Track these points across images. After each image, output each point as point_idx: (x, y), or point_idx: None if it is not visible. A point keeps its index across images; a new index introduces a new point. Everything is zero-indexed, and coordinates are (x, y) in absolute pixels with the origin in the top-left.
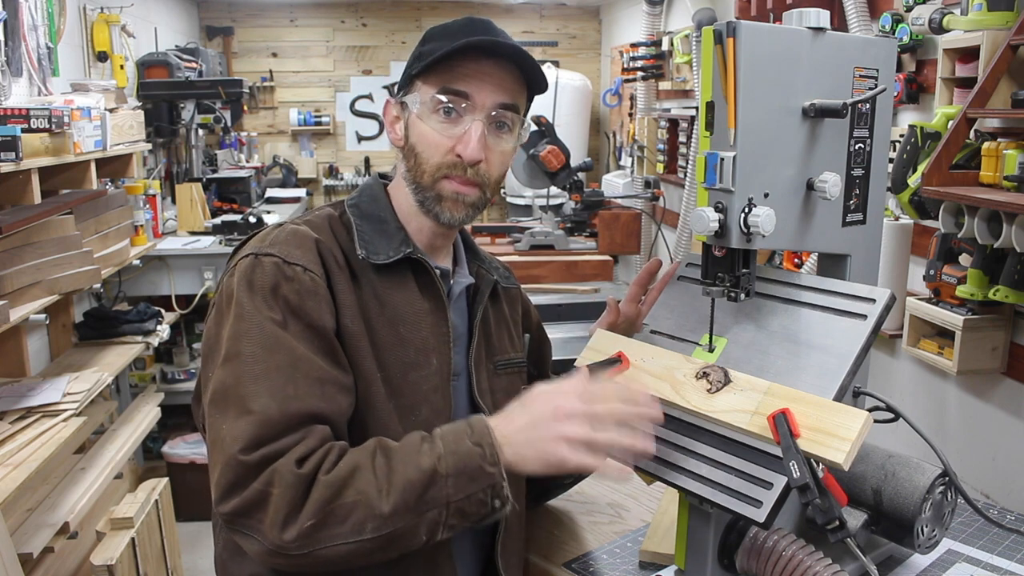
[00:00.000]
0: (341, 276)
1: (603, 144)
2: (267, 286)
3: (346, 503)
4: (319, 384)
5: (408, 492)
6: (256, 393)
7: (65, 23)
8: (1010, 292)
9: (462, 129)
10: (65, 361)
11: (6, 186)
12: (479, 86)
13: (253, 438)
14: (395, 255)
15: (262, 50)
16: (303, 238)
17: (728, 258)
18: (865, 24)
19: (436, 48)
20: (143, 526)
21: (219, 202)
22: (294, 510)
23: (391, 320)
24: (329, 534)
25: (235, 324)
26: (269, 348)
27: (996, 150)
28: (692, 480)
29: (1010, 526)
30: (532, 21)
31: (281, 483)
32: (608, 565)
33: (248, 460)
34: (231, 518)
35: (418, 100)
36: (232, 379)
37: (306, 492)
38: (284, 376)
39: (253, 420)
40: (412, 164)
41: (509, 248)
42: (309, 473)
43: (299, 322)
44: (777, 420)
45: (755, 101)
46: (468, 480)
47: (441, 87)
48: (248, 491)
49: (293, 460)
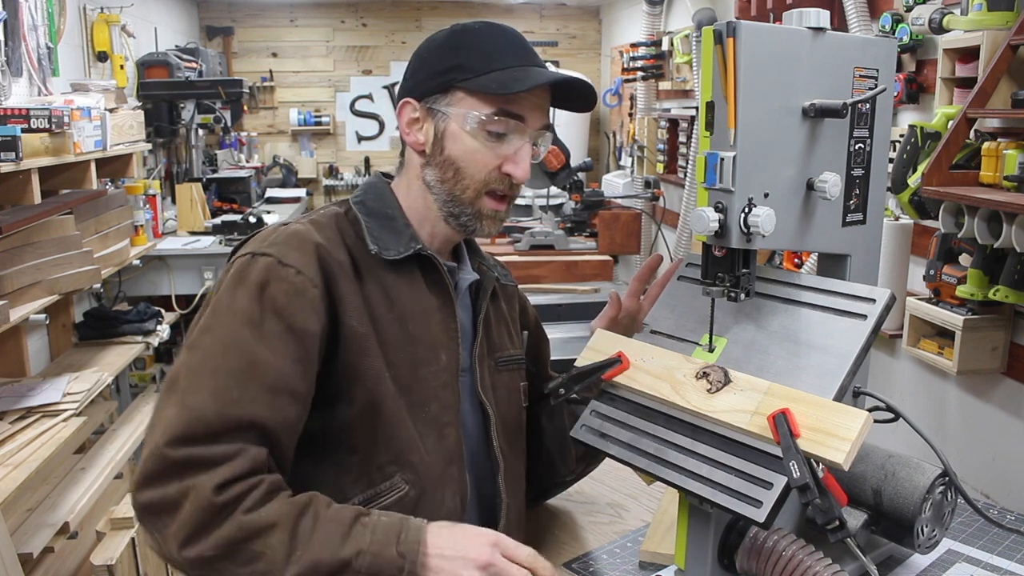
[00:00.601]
0: (345, 278)
1: (603, 144)
2: (255, 283)
3: (253, 550)
4: (270, 392)
5: (314, 572)
6: (199, 388)
7: (65, 23)
8: (1010, 292)
9: (510, 148)
10: (65, 361)
11: (6, 186)
12: (531, 111)
13: (183, 434)
14: (405, 251)
15: (262, 50)
16: (303, 240)
17: (728, 258)
18: (865, 24)
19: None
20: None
21: (219, 202)
22: (198, 534)
23: (400, 317)
24: (227, 569)
25: (207, 318)
26: (227, 347)
27: (996, 150)
28: (692, 480)
29: (1010, 526)
30: (532, 21)
31: (195, 501)
32: (608, 565)
33: (171, 455)
34: (141, 509)
35: (469, 115)
36: (184, 369)
37: (216, 522)
38: (233, 379)
39: (187, 415)
40: (450, 176)
41: (509, 248)
42: (225, 503)
43: (280, 323)
44: (777, 420)
45: (755, 101)
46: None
47: (499, 108)
48: (165, 491)
49: (214, 484)
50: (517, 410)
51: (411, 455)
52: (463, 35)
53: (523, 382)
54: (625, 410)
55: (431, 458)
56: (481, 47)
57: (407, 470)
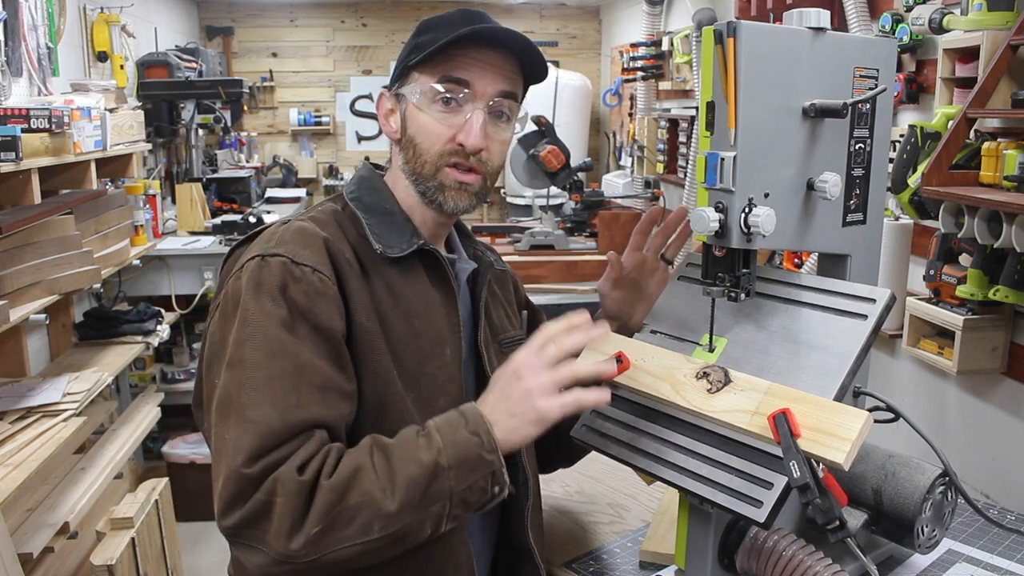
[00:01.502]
0: (352, 274)
1: (603, 144)
2: (274, 286)
3: (351, 505)
4: (321, 391)
5: (413, 488)
6: (258, 402)
7: (65, 23)
8: (1010, 292)
9: (463, 118)
10: (65, 361)
11: (6, 186)
12: (480, 74)
13: (255, 449)
14: (408, 247)
15: (262, 50)
16: (311, 236)
17: (728, 258)
18: (865, 24)
19: (433, 39)
20: (143, 526)
21: (219, 202)
22: (299, 518)
23: (405, 313)
24: (336, 537)
25: (239, 329)
26: (272, 354)
27: (996, 150)
28: (692, 480)
29: (1010, 526)
30: (532, 21)
31: (284, 492)
32: (608, 565)
33: (250, 472)
34: (235, 531)
35: (417, 90)
36: (235, 386)
37: (310, 498)
38: (287, 384)
39: (255, 430)
40: (411, 155)
41: (509, 248)
42: (311, 479)
43: (306, 324)
44: (777, 420)
45: (755, 101)
46: (469, 470)
47: (441, 76)
48: (251, 502)
49: (294, 467)
50: None
51: None
52: (427, 21)
53: None
54: (625, 410)
55: None
56: (440, 26)
57: None
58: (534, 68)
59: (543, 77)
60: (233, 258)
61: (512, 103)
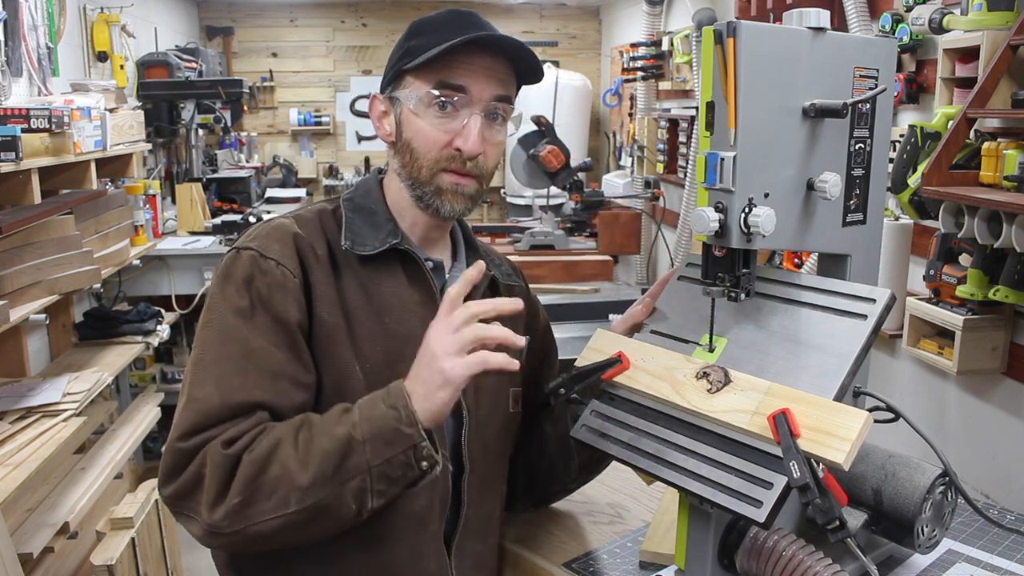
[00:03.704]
0: (320, 269)
1: (603, 144)
2: (241, 277)
3: (270, 478)
4: (271, 377)
5: (325, 462)
6: (202, 381)
7: (65, 23)
8: (1010, 292)
9: (459, 123)
10: (65, 361)
11: (6, 186)
12: (475, 79)
13: (192, 425)
14: (381, 246)
15: (262, 50)
16: (283, 232)
17: (728, 258)
18: (865, 24)
19: (426, 43)
20: (143, 526)
21: (219, 202)
22: (222, 489)
23: (377, 311)
24: (257, 510)
25: (204, 313)
26: (225, 337)
27: (996, 150)
28: (692, 480)
29: (1010, 526)
30: (532, 21)
31: (211, 464)
32: (608, 565)
33: (184, 446)
34: (171, 502)
35: (413, 95)
36: (190, 366)
37: (232, 471)
38: (233, 366)
39: (195, 408)
40: (407, 159)
41: (509, 248)
42: (236, 452)
43: (266, 314)
44: (777, 420)
45: (755, 101)
46: (384, 444)
47: (437, 82)
48: (184, 474)
49: (221, 441)
50: (501, 415)
51: None
52: (418, 23)
53: (514, 387)
54: (625, 410)
55: None
56: (430, 30)
57: None
58: (529, 71)
59: (539, 79)
60: None
61: (506, 105)
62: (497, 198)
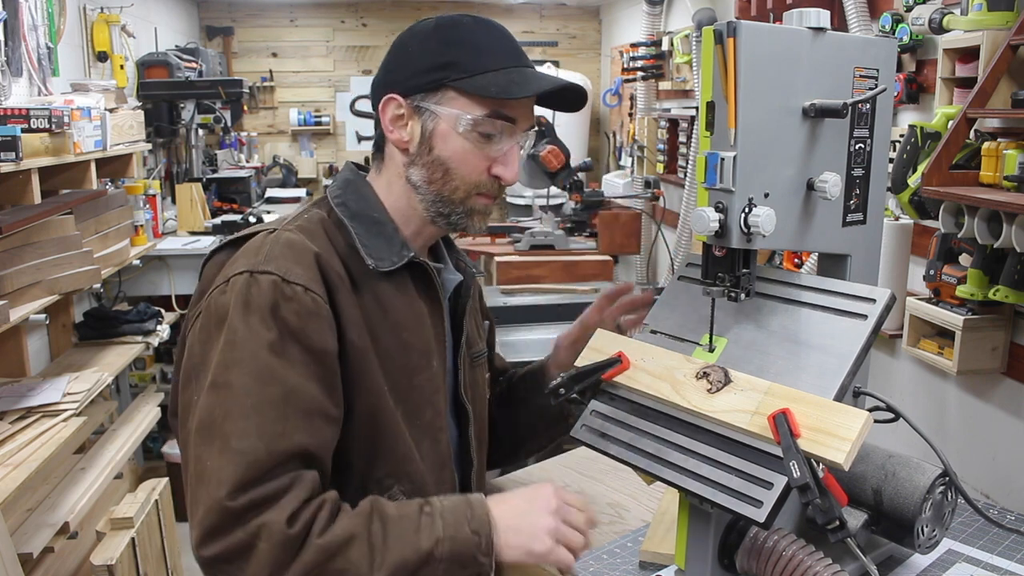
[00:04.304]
0: (343, 289)
1: (603, 144)
2: (265, 306)
3: (335, 569)
4: (307, 417)
5: (400, 571)
6: (245, 431)
7: (65, 23)
8: (1010, 292)
9: (498, 149)
10: (65, 361)
11: (6, 186)
12: (523, 113)
13: (240, 481)
14: (399, 260)
15: (262, 50)
16: (301, 252)
17: (728, 258)
18: (865, 24)
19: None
20: (143, 526)
21: (219, 202)
22: (279, 569)
23: (394, 326)
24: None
25: (226, 351)
26: (262, 380)
27: (996, 150)
28: (692, 480)
29: (1010, 526)
30: (532, 21)
31: (269, 539)
32: (608, 565)
33: (234, 506)
34: (211, 562)
35: (464, 117)
36: (220, 411)
37: (295, 553)
38: (275, 412)
39: (240, 461)
40: (439, 177)
41: (509, 248)
42: (300, 533)
43: (297, 345)
44: (777, 420)
45: (755, 101)
46: (459, 567)
47: (493, 111)
48: (232, 538)
49: (284, 518)
50: (485, 404)
51: (408, 466)
52: (452, 30)
53: (487, 373)
54: (625, 410)
55: (426, 465)
56: (473, 45)
57: (404, 481)
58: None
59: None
60: (215, 263)
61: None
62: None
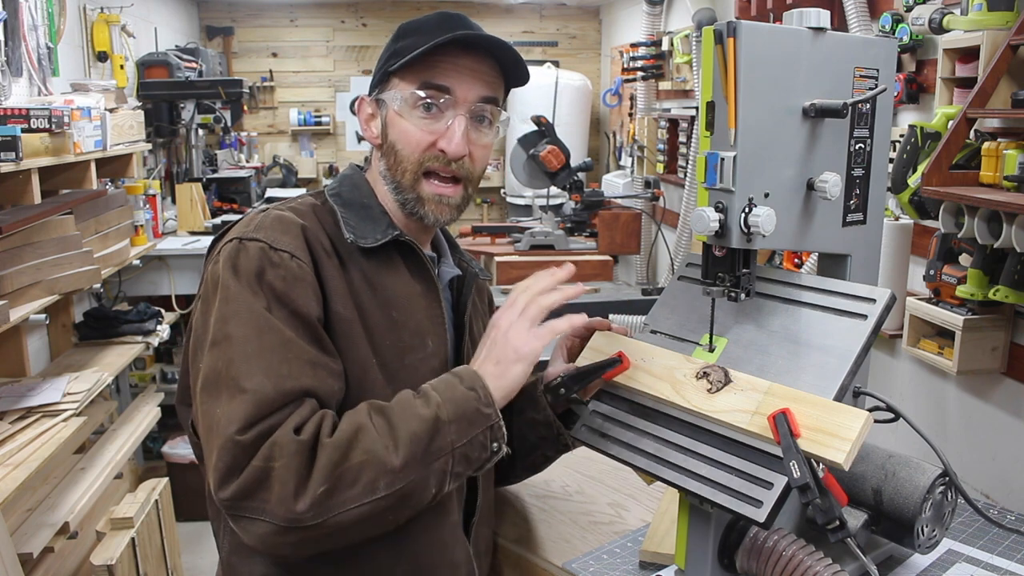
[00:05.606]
0: (329, 262)
1: (603, 144)
2: (252, 271)
3: (355, 463)
4: (311, 366)
5: (416, 443)
6: (249, 372)
7: (65, 23)
8: (1010, 292)
9: (444, 124)
10: (65, 361)
11: (6, 186)
12: (460, 80)
13: (249, 417)
14: (383, 238)
15: (262, 50)
16: (289, 223)
17: (728, 258)
18: (865, 24)
19: (412, 44)
20: (143, 526)
21: (219, 202)
22: (303, 478)
23: (383, 304)
24: (342, 498)
25: (222, 307)
26: (259, 329)
27: (996, 150)
28: (692, 480)
29: (1010, 526)
30: (532, 21)
31: (282, 454)
32: (608, 565)
33: (244, 439)
34: (232, 503)
35: (398, 96)
36: (223, 362)
37: (311, 458)
38: (277, 356)
39: (248, 399)
40: (392, 162)
41: (509, 248)
42: (310, 439)
43: (284, 309)
44: (777, 420)
45: (755, 101)
46: (468, 424)
47: (421, 82)
48: (248, 470)
49: (290, 429)
50: None
51: None
52: (406, 26)
53: None
54: (625, 410)
55: None
56: (415, 31)
57: None
58: (515, 72)
59: (525, 81)
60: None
61: (493, 108)
62: (497, 198)
